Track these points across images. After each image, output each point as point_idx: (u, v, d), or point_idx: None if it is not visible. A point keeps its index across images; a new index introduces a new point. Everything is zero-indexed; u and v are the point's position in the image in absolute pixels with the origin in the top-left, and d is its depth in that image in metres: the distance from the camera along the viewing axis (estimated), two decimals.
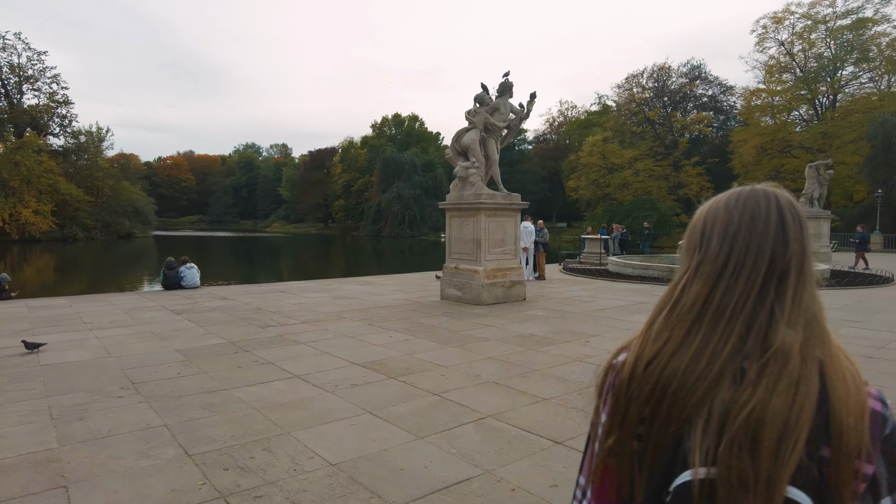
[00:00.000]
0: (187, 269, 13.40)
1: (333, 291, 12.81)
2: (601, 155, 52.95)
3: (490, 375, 5.73)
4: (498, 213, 10.88)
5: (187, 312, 9.81)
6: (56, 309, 10.24)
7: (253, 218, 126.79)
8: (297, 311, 9.90)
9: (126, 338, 7.64)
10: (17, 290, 12.90)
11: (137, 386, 5.34)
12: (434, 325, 8.53)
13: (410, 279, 15.64)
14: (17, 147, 53.66)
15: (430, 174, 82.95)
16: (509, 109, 11.35)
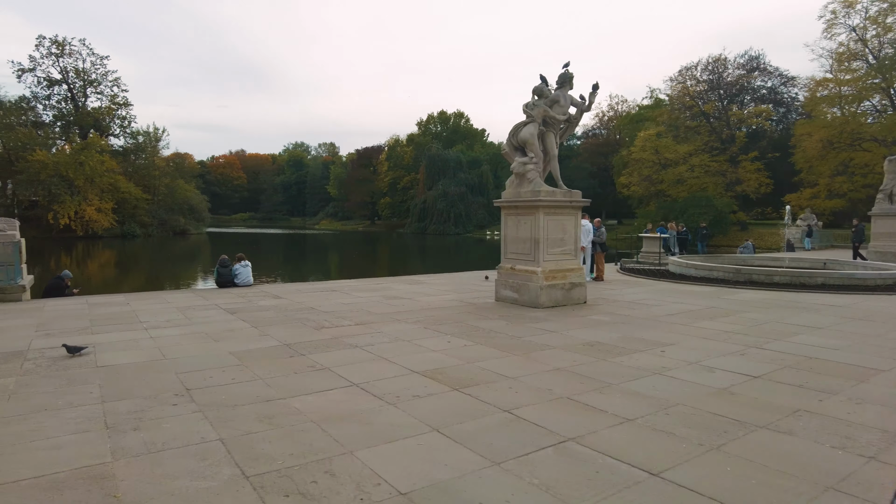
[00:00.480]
0: (242, 267, 13.41)
1: (384, 291, 12.56)
2: (654, 150, 51.24)
3: (562, 390, 5.27)
4: (557, 210, 10.36)
5: (241, 312, 9.71)
6: (114, 306, 10.33)
7: (302, 215, 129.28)
8: (350, 312, 9.66)
9: (180, 338, 7.53)
10: (79, 287, 13.21)
11: (192, 392, 5.13)
12: (492, 330, 8.11)
13: (461, 279, 15.26)
14: (82, 148, 56.11)
15: (476, 171, 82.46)
16: (569, 102, 10.80)
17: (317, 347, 6.98)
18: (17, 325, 8.48)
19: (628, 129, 66.32)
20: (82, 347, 6.52)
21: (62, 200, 52.85)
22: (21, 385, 5.37)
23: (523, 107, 10.56)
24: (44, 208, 54.03)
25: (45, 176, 52.63)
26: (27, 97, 62.18)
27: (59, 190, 52.80)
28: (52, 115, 63.86)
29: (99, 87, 64.57)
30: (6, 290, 10.89)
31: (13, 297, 10.91)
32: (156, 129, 66.94)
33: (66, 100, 63.89)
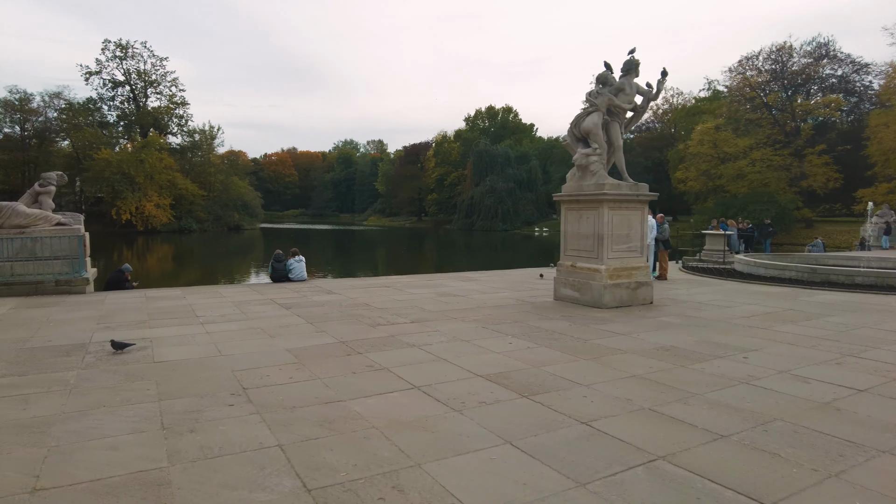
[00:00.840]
0: (296, 262, 13.38)
1: (437, 287, 12.26)
2: (712, 144, 49.12)
3: (642, 399, 4.80)
4: (623, 205, 9.80)
5: (295, 307, 9.59)
6: (171, 300, 10.41)
7: (351, 212, 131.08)
8: (405, 309, 9.39)
9: (236, 334, 7.42)
10: (138, 280, 13.47)
11: (248, 392, 4.93)
12: (555, 332, 7.66)
13: (514, 276, 14.81)
14: (142, 146, 58.33)
15: (524, 166, 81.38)
16: (635, 90, 10.20)
17: (374, 346, 6.72)
18: (80, 318, 8.59)
19: (684, 122, 63.98)
20: (128, 344, 6.43)
21: (124, 197, 55.09)
22: (81, 379, 5.31)
23: (586, 95, 10.03)
24: (107, 204, 56.51)
25: (109, 173, 54.96)
26: (94, 99, 65.31)
27: (121, 187, 55.06)
28: (116, 115, 66.81)
29: (158, 88, 67.08)
30: (71, 283, 11.15)
31: (77, 289, 11.16)
32: (211, 127, 69.15)
33: (128, 100, 66.65)
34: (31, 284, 10.90)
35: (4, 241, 11.09)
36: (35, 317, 8.66)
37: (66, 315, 8.82)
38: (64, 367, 5.75)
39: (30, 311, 9.14)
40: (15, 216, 11.41)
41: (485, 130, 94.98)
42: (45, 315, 8.80)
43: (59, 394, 4.87)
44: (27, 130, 62.01)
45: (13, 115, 60.86)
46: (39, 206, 11.93)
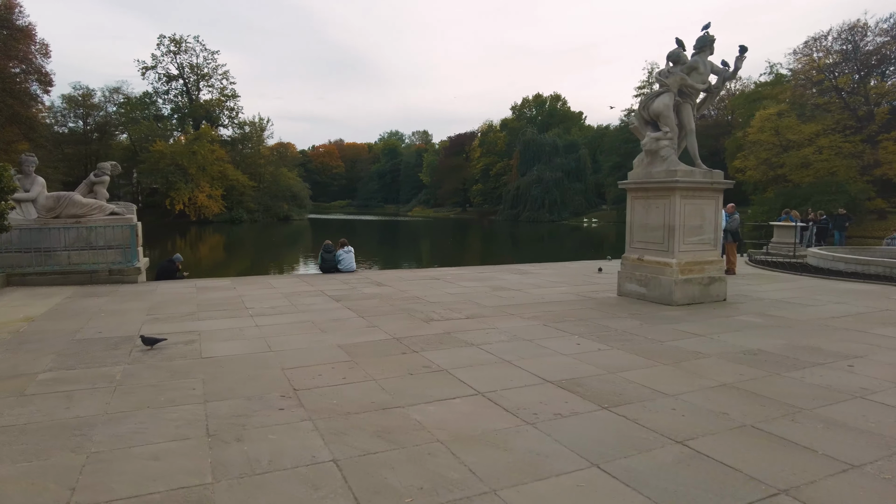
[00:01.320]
0: (345, 253, 13.11)
1: (489, 280, 11.74)
2: (774, 131, 46.53)
3: (741, 414, 4.17)
4: (696, 193, 9.02)
5: (345, 299, 9.26)
6: (220, 291, 10.26)
7: (396, 202, 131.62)
8: (458, 303, 8.92)
9: (286, 328, 7.11)
10: (189, 270, 13.47)
11: (299, 394, 4.55)
12: (625, 331, 7.04)
13: (571, 269, 14.13)
14: (195, 138, 59.80)
15: (573, 155, 79.55)
16: (709, 69, 9.36)
17: (429, 343, 6.27)
18: (130, 309, 8.48)
19: (743, 108, 60.99)
20: (159, 339, 6.11)
21: (177, 187, 56.61)
22: (127, 375, 5.06)
23: (656, 75, 9.27)
24: (162, 195, 58.23)
25: (163, 165, 56.57)
26: (149, 93, 67.43)
27: (175, 178, 56.57)
28: (170, 108, 68.80)
29: (210, 81, 68.61)
30: (124, 272, 11.17)
31: (129, 278, 11.17)
32: (261, 119, 70.19)
33: (181, 94, 68.48)
34: (86, 273, 10.97)
35: (61, 230, 11.19)
36: (88, 307, 8.61)
37: (117, 306, 8.74)
38: (111, 361, 5.53)
39: (83, 301, 9.12)
40: (71, 206, 11.50)
41: (532, 119, 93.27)
42: (97, 305, 8.74)
43: (103, 391, 4.62)
44: (89, 125, 64.54)
45: (77, 110, 63.44)
46: (94, 196, 12.02)
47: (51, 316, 7.91)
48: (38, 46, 47.84)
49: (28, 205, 11.34)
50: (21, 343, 6.30)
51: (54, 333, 6.76)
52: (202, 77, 68.11)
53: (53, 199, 11.50)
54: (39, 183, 11.51)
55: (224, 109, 69.00)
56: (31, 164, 11.50)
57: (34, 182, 11.46)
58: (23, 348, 6.06)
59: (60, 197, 11.55)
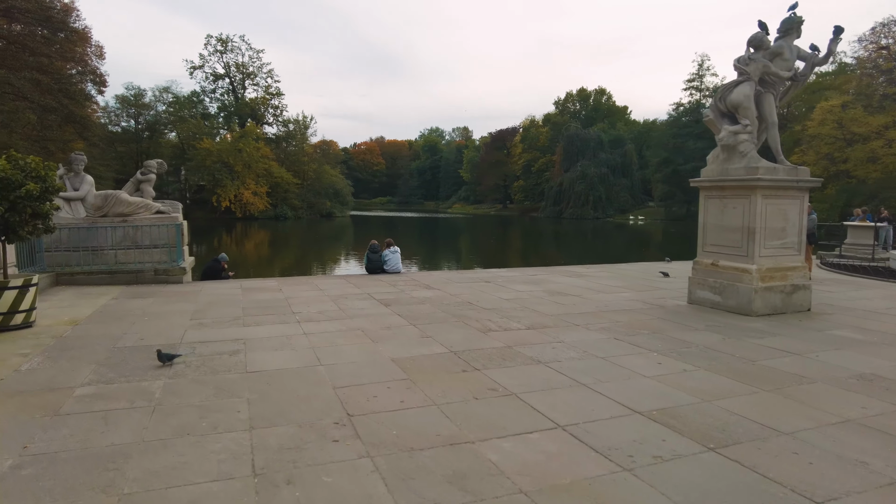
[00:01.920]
0: (391, 253, 12.66)
1: (544, 284, 11.08)
2: (836, 124, 43.99)
3: (884, 464, 3.44)
4: (779, 193, 8.16)
5: (395, 304, 8.77)
6: (266, 292, 9.92)
7: (436, 199, 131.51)
8: (515, 310, 8.31)
9: (336, 336, 6.65)
10: (234, 270, 13.27)
11: (355, 420, 4.04)
12: (707, 347, 6.30)
13: (629, 272, 13.31)
14: (240, 136, 60.77)
15: (618, 151, 77.64)
16: (795, 54, 8.45)
17: (491, 359, 5.69)
18: (175, 311, 8.20)
19: (802, 100, 58.06)
20: (176, 355, 5.53)
21: (224, 185, 57.63)
22: (167, 392, 4.66)
23: (735, 62, 8.41)
24: (209, 192, 59.42)
25: (210, 162, 57.67)
26: (197, 92, 68.96)
27: (221, 175, 57.61)
28: (217, 106, 70.16)
29: (255, 79, 69.70)
30: (169, 272, 10.99)
31: (175, 278, 10.98)
32: (304, 117, 70.82)
33: (227, 92, 69.80)
34: (132, 273, 10.83)
35: (109, 228, 11.09)
36: (132, 309, 8.37)
37: (161, 308, 8.48)
38: (151, 374, 5.16)
39: (129, 303, 8.90)
40: (118, 204, 11.40)
41: (575, 114, 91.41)
42: (141, 307, 8.50)
43: (142, 411, 4.22)
44: (140, 124, 66.42)
45: (129, 110, 65.36)
46: (141, 194, 11.90)
47: (95, 318, 7.69)
48: (93, 48, 49.50)
49: (77, 203, 11.28)
50: (63, 350, 6.02)
51: (97, 339, 6.48)
52: (248, 76, 69.24)
53: (101, 198, 11.42)
54: (88, 181, 11.44)
55: (269, 107, 69.95)
56: (80, 162, 11.45)
57: (83, 180, 11.40)
58: (64, 356, 5.77)
59: (108, 195, 11.46)
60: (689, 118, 67.12)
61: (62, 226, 10.83)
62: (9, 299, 6.76)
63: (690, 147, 63.65)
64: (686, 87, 67.98)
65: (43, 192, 6.91)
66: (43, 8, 30.57)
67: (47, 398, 4.52)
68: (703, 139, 64.10)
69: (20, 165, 6.86)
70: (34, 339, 6.50)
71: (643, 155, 79.06)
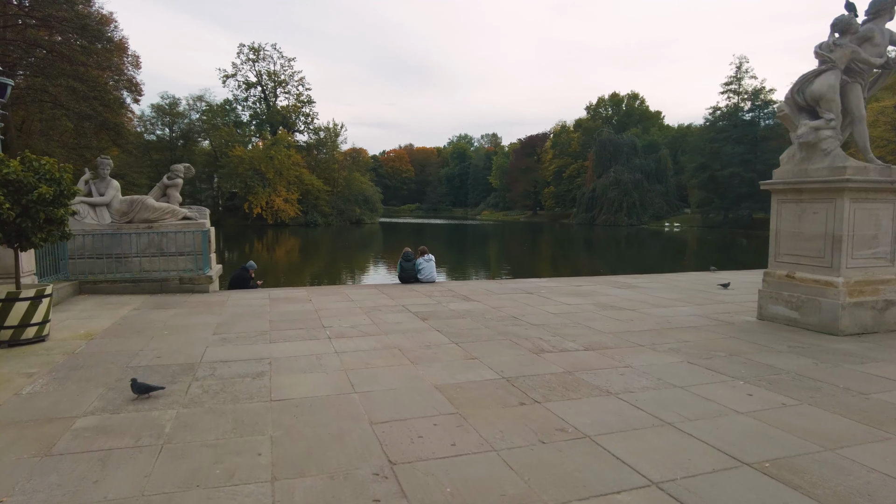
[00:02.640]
0: (425, 262, 11.97)
1: (592, 296, 10.23)
2: (889, 125, 41.91)
3: None
4: (869, 195, 7.19)
5: (433, 318, 8.04)
6: (296, 303, 9.31)
7: (464, 206, 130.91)
8: (566, 327, 7.50)
9: (371, 357, 5.95)
10: (263, 278, 12.74)
11: (398, 470, 3.31)
12: (800, 374, 5.39)
13: (682, 283, 12.34)
14: (272, 143, 61.16)
15: (653, 156, 75.91)
16: (888, 38, 7.47)
17: (551, 388, 4.90)
18: (198, 324, 7.62)
19: None
20: (155, 387, 4.69)
21: (255, 192, 57.99)
22: (180, 425, 4.01)
23: (816, 49, 7.48)
24: (241, 199, 59.88)
25: (242, 169, 58.10)
26: (230, 100, 69.74)
27: (252, 182, 58.00)
28: (249, 114, 70.84)
29: (287, 88, 70.21)
30: (195, 281, 10.48)
31: (201, 287, 10.47)
32: (335, 124, 70.95)
33: (259, 100, 70.44)
34: (157, 282, 10.35)
35: (133, 235, 10.65)
36: (153, 321, 7.83)
37: (184, 320, 7.92)
38: (164, 400, 4.52)
39: (150, 314, 8.38)
40: (144, 210, 10.96)
41: (607, 119, 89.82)
42: (163, 319, 7.96)
43: (147, 451, 3.56)
44: (175, 132, 67.50)
45: (164, 118, 66.51)
46: (167, 200, 11.46)
47: (113, 332, 7.15)
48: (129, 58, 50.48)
49: (102, 209, 10.89)
50: (73, 369, 5.45)
51: (111, 356, 5.90)
52: (279, 84, 69.79)
53: (127, 203, 11.01)
54: (114, 186, 11.05)
55: (300, 115, 70.37)
56: (106, 166, 11.07)
57: (109, 185, 11.01)
58: (72, 377, 5.19)
59: (134, 201, 11.05)
60: (725, 122, 65.14)
61: (87, 232, 10.44)
62: (20, 311, 6.25)
63: (728, 152, 61.68)
64: (723, 90, 65.94)
65: (57, 195, 6.40)
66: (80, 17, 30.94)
67: (44, 431, 3.91)
68: (742, 144, 62.08)
69: (34, 167, 6.37)
70: (45, 355, 5.96)
71: (678, 160, 77.11)
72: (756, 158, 60.52)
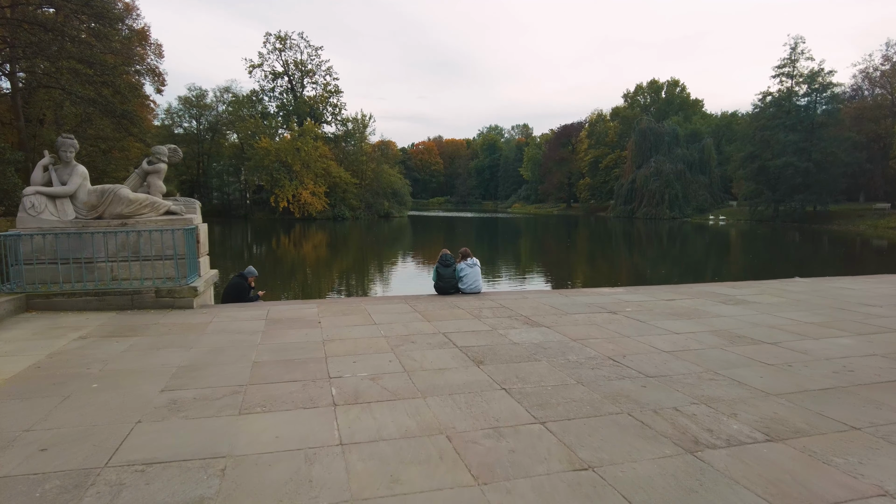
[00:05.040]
0: (468, 267, 9.45)
1: (700, 318, 7.56)
2: None
3: None
4: None
5: (491, 360, 5.49)
6: (299, 328, 6.86)
7: (494, 199, 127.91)
8: (703, 382, 4.87)
9: (402, 462, 3.46)
10: (265, 288, 10.38)
11: None
12: None
13: (798, 294, 9.51)
14: (299, 134, 59.23)
15: (696, 146, 71.80)
16: None
17: None
18: (151, 368, 5.22)
19: None
20: None
21: (282, 185, 56.18)
22: None
23: None
24: (268, 192, 58.19)
25: (268, 162, 56.33)
26: (256, 91, 68.14)
27: (279, 175, 56.18)
28: (276, 105, 69.08)
29: (314, 77, 68.25)
30: (175, 293, 8.14)
31: (182, 302, 8.12)
32: (363, 115, 68.73)
33: (286, 91, 68.61)
34: (128, 295, 8.05)
35: (105, 235, 8.36)
36: (93, 361, 5.48)
37: (136, 360, 5.54)
38: None
39: (98, 347, 6.04)
40: (117, 202, 8.67)
41: (646, 107, 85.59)
42: (109, 357, 5.60)
43: None
44: (202, 124, 66.25)
45: (191, 110, 65.27)
46: (148, 190, 9.14)
47: (20, 381, 4.82)
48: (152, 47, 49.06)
49: (65, 201, 8.62)
50: None
51: None
52: (306, 73, 67.84)
53: (97, 195, 8.73)
54: (79, 173, 8.75)
55: (328, 106, 68.35)
56: (69, 148, 8.75)
57: (73, 172, 8.71)
58: None
59: (105, 191, 8.77)
60: (777, 108, 60.69)
61: (44, 231, 8.22)
62: None
63: (781, 140, 57.33)
64: (775, 73, 61.37)
65: None
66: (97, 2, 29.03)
67: None
68: (796, 131, 57.67)
69: None
70: None
71: (723, 150, 72.73)
72: (812, 147, 56.11)
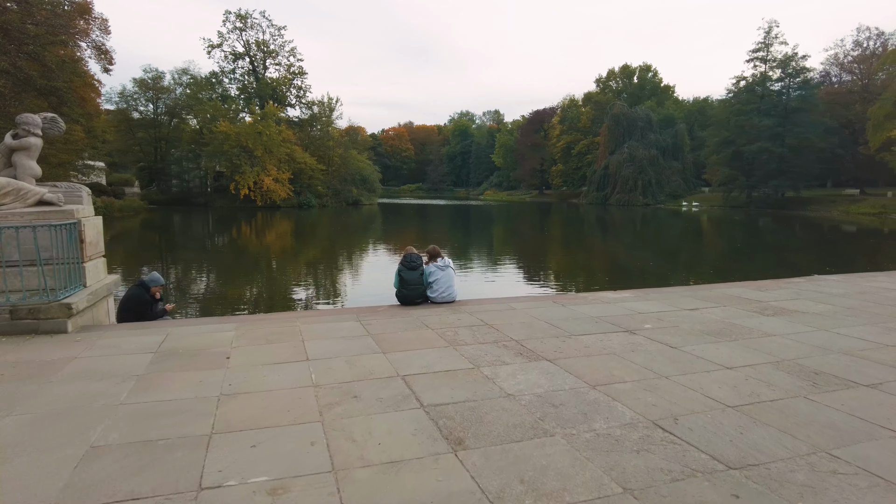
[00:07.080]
0: (439, 270, 7.49)
1: (744, 338, 5.82)
2: None
3: None
4: None
5: (475, 436, 3.55)
6: (193, 372, 4.80)
7: (466, 186, 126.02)
8: (815, 465, 3.05)
9: None
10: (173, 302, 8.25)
11: None
12: None
13: (840, 296, 7.85)
14: (260, 117, 56.07)
15: (669, 131, 70.98)
16: None
17: None
18: None
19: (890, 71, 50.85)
20: None
21: (242, 171, 53.15)
22: None
23: None
24: (228, 179, 55.08)
25: (228, 147, 53.12)
26: (216, 72, 64.43)
27: (239, 160, 53.11)
28: (237, 87, 65.57)
29: (277, 59, 64.91)
30: (41, 313, 5.99)
31: (51, 325, 5.99)
32: (329, 98, 65.68)
33: (248, 73, 65.09)
34: None
35: None
36: None
37: None
38: None
39: None
40: None
41: (618, 92, 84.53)
42: None
43: None
44: (159, 108, 62.47)
45: (147, 93, 61.39)
46: (14, 174, 6.91)
47: None
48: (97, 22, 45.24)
49: None
50: None
51: None
52: (269, 54, 64.45)
53: None
54: None
55: (291, 88, 65.12)
56: None
57: None
58: None
59: None
60: (751, 93, 60.10)
61: None
62: None
63: (756, 125, 56.71)
64: (749, 58, 60.73)
65: None
66: None
67: None
68: (772, 116, 57.09)
69: None
70: None
71: (696, 135, 72.14)
72: (787, 132, 55.63)
